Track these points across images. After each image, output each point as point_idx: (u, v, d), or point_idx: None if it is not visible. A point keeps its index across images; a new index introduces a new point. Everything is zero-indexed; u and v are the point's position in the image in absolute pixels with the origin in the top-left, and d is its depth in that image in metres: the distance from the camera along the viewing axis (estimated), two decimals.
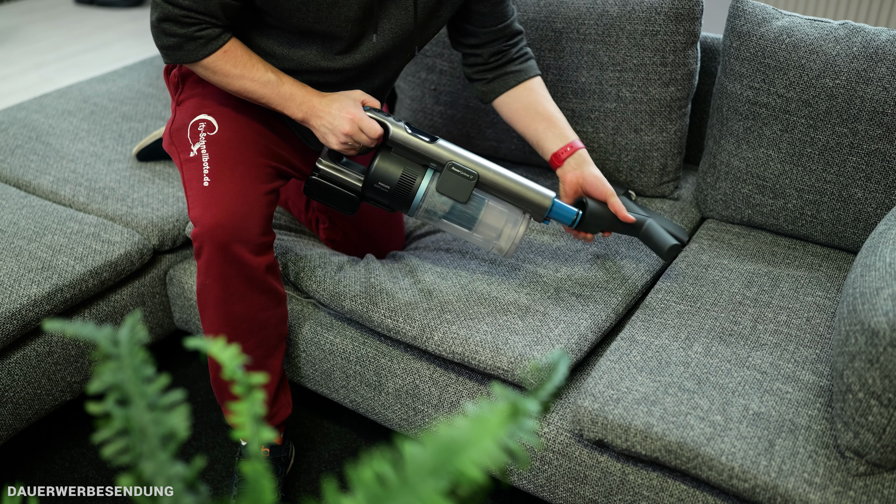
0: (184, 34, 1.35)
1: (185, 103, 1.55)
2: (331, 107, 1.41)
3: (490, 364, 1.42)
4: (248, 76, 1.40)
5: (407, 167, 1.43)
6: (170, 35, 1.36)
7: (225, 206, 1.39)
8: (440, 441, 0.53)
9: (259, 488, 0.60)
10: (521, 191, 1.44)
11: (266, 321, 1.51)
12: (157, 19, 1.36)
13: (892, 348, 1.09)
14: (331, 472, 1.72)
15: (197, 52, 1.38)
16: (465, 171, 1.41)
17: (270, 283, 1.48)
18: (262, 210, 1.43)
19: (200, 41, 1.36)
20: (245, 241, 1.40)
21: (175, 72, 1.58)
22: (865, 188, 1.59)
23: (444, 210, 1.45)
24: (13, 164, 1.98)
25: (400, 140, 1.42)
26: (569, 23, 1.81)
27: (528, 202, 1.44)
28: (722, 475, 1.21)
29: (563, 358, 0.67)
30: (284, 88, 1.42)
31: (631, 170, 1.85)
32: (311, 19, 1.37)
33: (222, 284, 1.42)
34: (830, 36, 1.60)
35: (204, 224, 1.39)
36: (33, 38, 4.20)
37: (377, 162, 1.43)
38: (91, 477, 1.71)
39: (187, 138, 1.50)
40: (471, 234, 1.47)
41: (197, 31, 1.35)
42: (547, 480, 1.43)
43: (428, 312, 1.49)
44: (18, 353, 1.59)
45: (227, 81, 1.41)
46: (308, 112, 1.42)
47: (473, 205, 1.45)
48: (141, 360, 0.64)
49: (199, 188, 1.43)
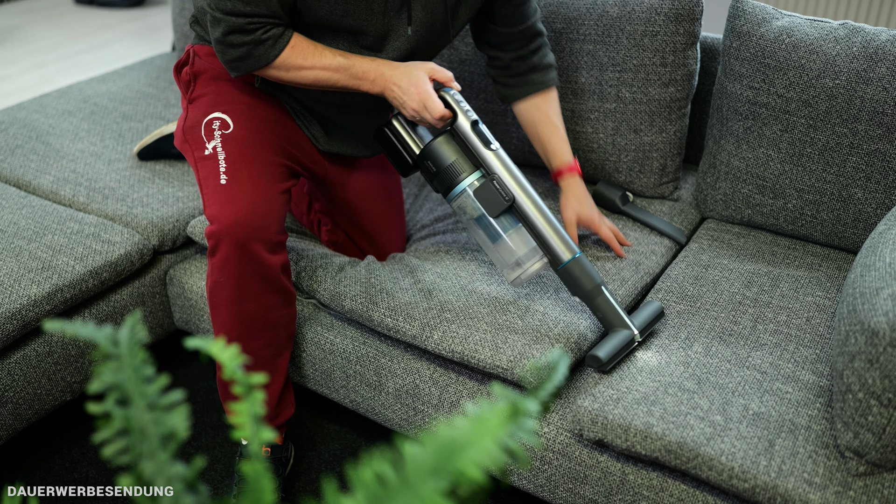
0: (251, 41, 1.37)
1: (198, 101, 1.55)
2: (402, 80, 1.42)
3: (490, 363, 1.42)
4: (318, 65, 1.41)
5: (459, 159, 1.44)
6: (237, 46, 1.38)
7: (244, 204, 1.40)
8: (440, 441, 0.53)
9: (259, 488, 0.60)
10: (546, 233, 1.42)
11: (277, 320, 1.51)
12: (222, 34, 1.37)
13: (892, 348, 1.09)
14: (331, 472, 1.72)
15: (268, 53, 1.39)
16: (504, 190, 1.41)
17: (283, 282, 1.48)
18: (279, 209, 1.44)
19: (268, 43, 1.38)
20: (263, 240, 1.40)
21: (186, 69, 1.58)
22: (865, 188, 1.59)
23: (473, 214, 1.45)
24: (13, 164, 1.98)
25: (460, 131, 1.44)
26: (569, 23, 1.81)
27: (548, 247, 1.43)
28: (722, 475, 1.22)
29: (562, 357, 0.67)
30: (356, 68, 1.43)
31: (630, 170, 1.85)
32: (339, 12, 1.38)
33: (237, 283, 1.42)
34: (830, 36, 1.60)
35: (222, 221, 1.39)
36: (33, 38, 4.20)
37: (436, 141, 1.45)
38: (91, 477, 1.71)
39: (201, 136, 1.50)
40: (490, 247, 1.47)
41: (263, 34, 1.37)
42: (547, 480, 1.43)
43: (428, 312, 1.49)
44: (18, 353, 1.59)
45: (300, 76, 1.42)
46: (382, 85, 1.43)
47: (501, 223, 1.44)
48: (141, 360, 0.64)
49: (217, 186, 1.43)
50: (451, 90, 1.44)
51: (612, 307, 1.40)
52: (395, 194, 1.77)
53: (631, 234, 1.74)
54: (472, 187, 1.44)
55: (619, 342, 1.37)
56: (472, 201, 1.44)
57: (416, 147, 1.49)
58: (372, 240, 1.77)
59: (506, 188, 1.42)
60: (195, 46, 1.59)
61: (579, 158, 1.88)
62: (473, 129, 1.43)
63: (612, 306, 1.40)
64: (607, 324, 1.41)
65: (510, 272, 1.45)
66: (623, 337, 1.38)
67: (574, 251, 1.42)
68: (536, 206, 1.43)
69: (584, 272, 1.41)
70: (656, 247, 1.71)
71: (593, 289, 1.40)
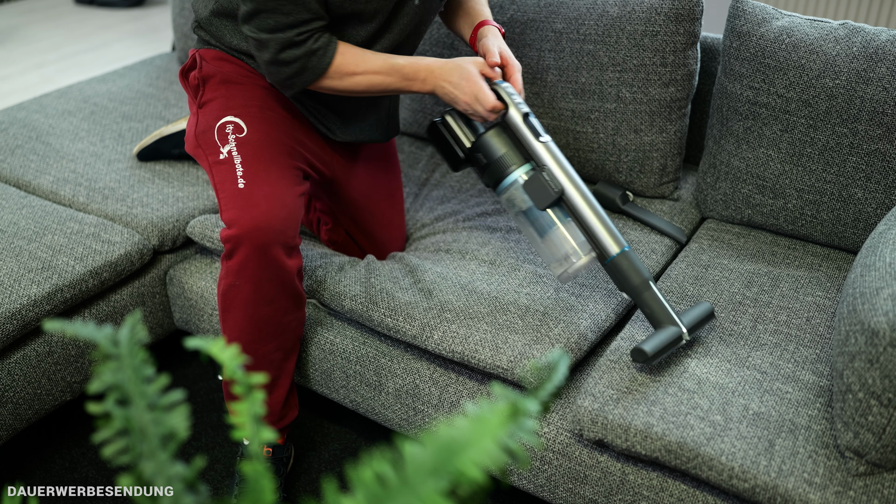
0: (303, 53, 1.38)
1: (208, 106, 1.54)
2: (452, 76, 1.42)
3: (490, 363, 1.42)
4: (370, 69, 1.42)
5: (510, 151, 1.44)
6: (291, 63, 1.38)
7: (265, 208, 1.39)
8: (440, 441, 0.53)
9: (259, 488, 0.60)
10: (595, 226, 1.40)
11: (288, 324, 1.51)
12: (274, 54, 1.38)
13: (892, 348, 1.09)
14: (331, 472, 1.72)
15: (321, 63, 1.40)
16: (552, 182, 1.40)
17: (297, 286, 1.48)
18: (297, 212, 1.45)
19: (319, 52, 1.39)
20: (283, 244, 1.40)
21: (194, 74, 1.57)
22: (865, 188, 1.59)
23: (522, 207, 1.45)
24: (13, 164, 1.98)
25: (511, 123, 1.44)
26: (569, 23, 1.81)
27: (596, 240, 1.40)
28: (722, 475, 1.22)
29: (562, 357, 0.67)
30: (406, 70, 1.43)
31: (631, 170, 1.85)
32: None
33: (254, 287, 1.42)
34: (830, 36, 1.60)
35: (242, 226, 1.38)
36: (33, 38, 4.20)
37: (487, 134, 1.45)
38: (91, 477, 1.71)
39: (215, 140, 1.49)
40: (538, 241, 1.46)
41: (313, 45, 1.38)
42: (547, 480, 1.43)
43: (428, 312, 1.49)
44: (18, 353, 1.59)
45: (354, 82, 1.43)
46: (434, 83, 1.44)
47: (549, 217, 1.43)
48: (141, 360, 0.64)
49: (234, 190, 1.43)
50: (503, 83, 1.44)
51: (660, 303, 1.36)
52: (396, 193, 1.78)
53: (631, 233, 1.74)
54: (521, 180, 1.43)
55: (665, 338, 1.33)
56: (521, 193, 1.44)
57: (467, 141, 1.49)
58: (373, 238, 1.77)
59: (555, 180, 1.40)
60: (200, 51, 1.58)
61: (579, 158, 1.88)
62: (525, 121, 1.43)
63: (660, 302, 1.36)
64: (654, 321, 1.37)
65: (557, 266, 1.44)
66: (670, 334, 1.34)
67: (622, 245, 1.39)
68: (585, 199, 1.41)
69: (632, 266, 1.38)
70: (656, 246, 1.71)
71: (641, 283, 1.37)
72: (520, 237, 1.71)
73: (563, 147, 1.89)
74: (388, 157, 1.77)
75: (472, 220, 1.79)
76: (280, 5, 1.33)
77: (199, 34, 1.60)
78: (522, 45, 1.87)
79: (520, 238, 1.70)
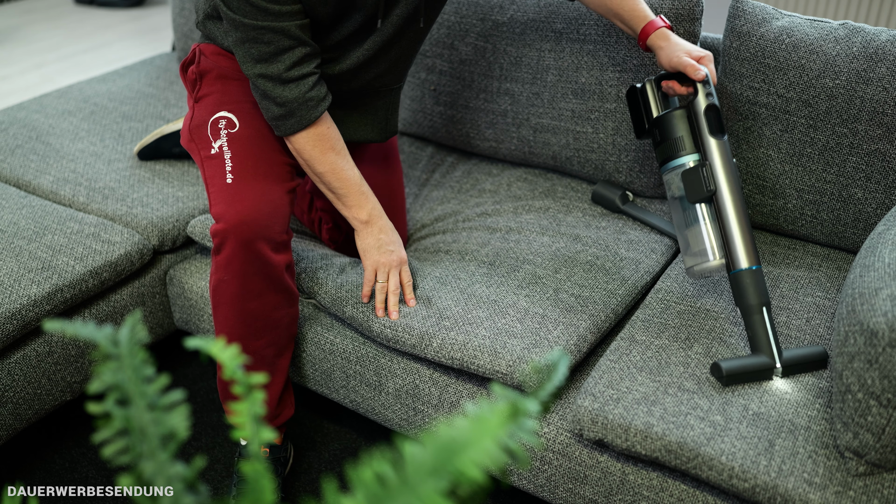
0: (295, 96, 1.39)
1: (204, 100, 1.55)
2: (385, 233, 1.51)
3: (489, 368, 1.42)
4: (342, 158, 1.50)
5: (685, 136, 1.45)
6: (281, 104, 1.40)
7: (250, 203, 1.41)
8: (440, 441, 0.53)
9: (259, 488, 0.60)
10: (735, 234, 1.38)
11: (279, 320, 1.51)
12: (307, 88, 1.41)
13: (891, 349, 1.09)
14: (331, 472, 1.72)
15: (312, 112, 1.42)
16: (709, 180, 1.40)
17: (287, 281, 1.49)
18: (284, 208, 1.45)
19: (311, 103, 1.41)
20: (268, 239, 1.41)
21: (192, 68, 1.58)
22: (865, 188, 1.59)
23: (676, 193, 1.46)
24: (13, 164, 1.98)
25: (694, 111, 1.44)
26: (569, 23, 1.81)
27: (730, 248, 1.39)
28: (722, 475, 1.22)
29: (562, 358, 0.67)
30: (363, 188, 1.51)
31: (631, 170, 1.85)
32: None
33: (241, 281, 1.43)
34: (830, 36, 1.60)
35: (229, 220, 1.39)
36: (33, 38, 4.20)
37: (671, 113, 1.46)
38: (91, 477, 1.71)
39: (208, 135, 1.50)
40: (682, 228, 1.46)
41: (308, 91, 1.40)
42: (547, 480, 1.43)
43: (426, 320, 1.49)
44: (18, 353, 1.59)
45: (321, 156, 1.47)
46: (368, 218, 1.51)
47: (699, 211, 1.42)
48: (141, 360, 0.64)
49: (223, 185, 1.44)
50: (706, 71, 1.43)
51: (764, 330, 1.34)
52: (397, 193, 1.78)
53: (631, 233, 1.74)
54: (684, 167, 1.44)
55: (750, 364, 1.32)
56: (678, 180, 1.44)
57: (656, 111, 1.52)
58: None
59: (712, 178, 1.40)
60: (201, 45, 1.59)
61: (580, 158, 1.88)
62: (706, 112, 1.42)
63: (765, 329, 1.34)
64: (753, 344, 1.36)
65: (690, 259, 1.44)
66: (759, 361, 1.32)
67: (755, 262, 1.38)
68: (736, 207, 1.40)
69: (755, 284, 1.36)
70: (656, 245, 1.71)
71: (755, 305, 1.35)
72: (519, 237, 1.71)
73: (563, 147, 1.89)
74: (389, 156, 1.77)
75: (472, 221, 1.79)
76: (260, 34, 1.33)
77: (202, 29, 1.61)
78: (522, 45, 1.87)
79: (519, 238, 1.71)
